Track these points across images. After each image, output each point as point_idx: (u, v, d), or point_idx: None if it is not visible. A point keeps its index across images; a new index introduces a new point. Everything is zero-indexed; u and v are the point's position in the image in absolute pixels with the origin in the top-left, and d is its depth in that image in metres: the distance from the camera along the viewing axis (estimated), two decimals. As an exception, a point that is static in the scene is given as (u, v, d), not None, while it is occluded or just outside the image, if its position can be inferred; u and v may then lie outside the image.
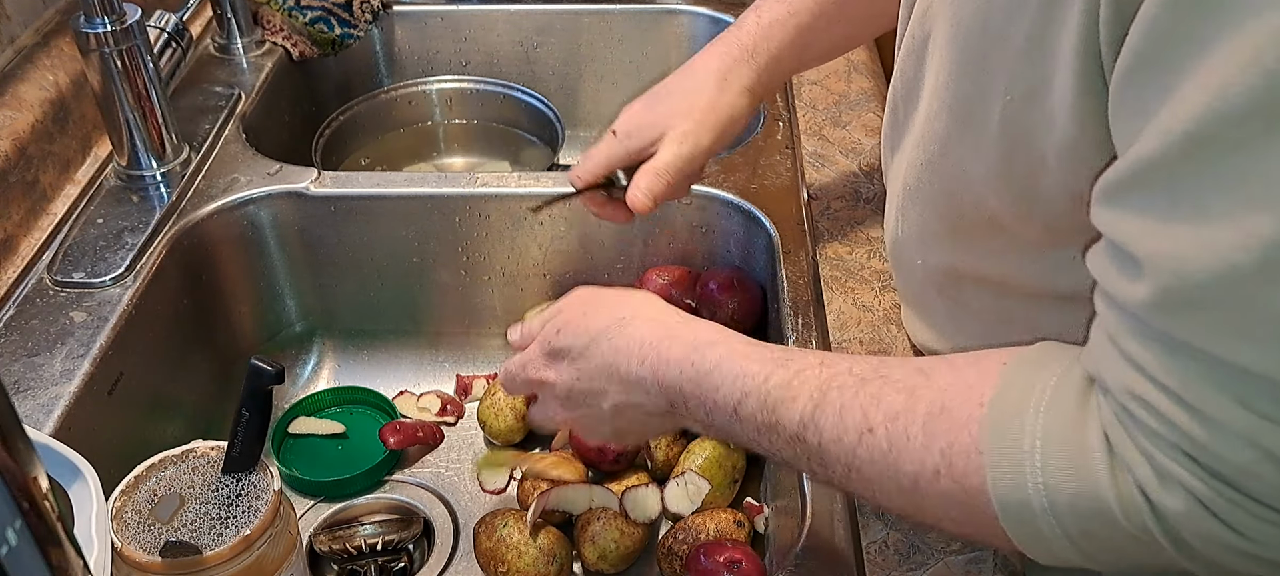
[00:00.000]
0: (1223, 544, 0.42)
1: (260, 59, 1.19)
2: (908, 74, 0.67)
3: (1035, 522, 0.46)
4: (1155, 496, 0.42)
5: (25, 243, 0.91)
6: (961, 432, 0.48)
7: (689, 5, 1.32)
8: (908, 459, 0.50)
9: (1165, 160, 0.39)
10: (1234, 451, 0.40)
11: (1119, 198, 0.43)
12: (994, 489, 0.47)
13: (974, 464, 0.48)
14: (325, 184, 1.00)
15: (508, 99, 1.29)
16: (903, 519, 0.67)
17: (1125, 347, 0.43)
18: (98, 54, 0.89)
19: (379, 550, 0.90)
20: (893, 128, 0.73)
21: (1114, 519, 0.44)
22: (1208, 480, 0.41)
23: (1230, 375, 0.39)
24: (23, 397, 0.77)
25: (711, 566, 0.77)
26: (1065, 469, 0.45)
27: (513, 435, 0.98)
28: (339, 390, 1.04)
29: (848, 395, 0.53)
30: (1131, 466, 0.43)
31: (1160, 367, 0.41)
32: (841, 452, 0.53)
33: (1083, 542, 0.46)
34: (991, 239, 0.60)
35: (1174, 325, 0.41)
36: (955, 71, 0.57)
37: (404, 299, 1.07)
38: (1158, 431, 0.42)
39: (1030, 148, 0.52)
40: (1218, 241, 0.38)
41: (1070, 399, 0.46)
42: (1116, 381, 0.44)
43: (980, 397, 0.48)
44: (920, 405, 0.50)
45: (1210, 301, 0.39)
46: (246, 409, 0.69)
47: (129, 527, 0.67)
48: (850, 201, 0.95)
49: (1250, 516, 0.41)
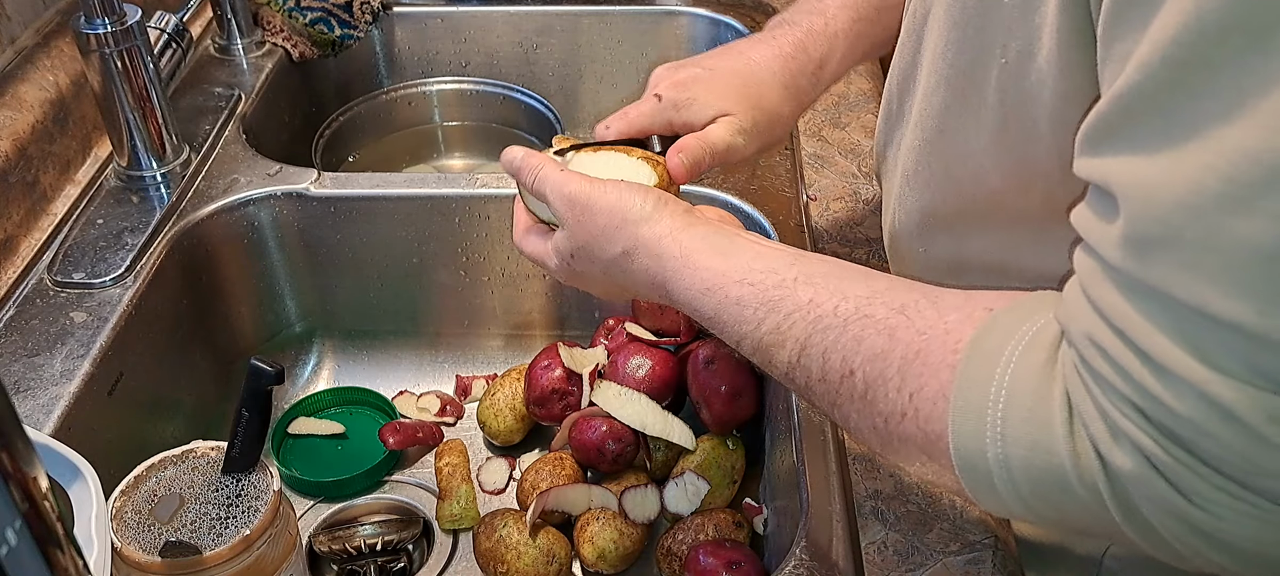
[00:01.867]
0: (1171, 510, 0.41)
1: (260, 60, 1.19)
2: (906, 59, 0.67)
3: (990, 476, 0.45)
4: (1107, 454, 0.42)
5: (25, 243, 0.91)
6: (933, 378, 0.48)
7: (689, 6, 1.32)
8: (882, 401, 0.51)
9: (1144, 90, 0.39)
10: (1186, 405, 0.39)
11: (1101, 140, 0.42)
12: (954, 435, 0.46)
13: (939, 410, 0.47)
14: (325, 185, 1.00)
15: (507, 100, 1.29)
16: (883, 458, 0.69)
17: (1091, 293, 0.43)
18: (98, 54, 0.89)
19: (378, 550, 0.90)
20: (888, 121, 0.73)
21: (1067, 480, 0.43)
22: (1158, 437, 0.40)
23: (1189, 321, 0.38)
24: (23, 398, 0.77)
25: (711, 566, 0.77)
26: (1025, 421, 0.44)
27: (512, 435, 0.98)
28: (339, 390, 1.04)
29: (831, 337, 0.54)
30: (1086, 421, 0.42)
31: (1120, 313, 0.41)
32: (826, 391, 0.55)
33: (1034, 503, 0.45)
34: (992, 218, 0.60)
35: (1140, 264, 0.40)
36: (952, 41, 0.57)
37: (404, 299, 1.07)
38: (1112, 382, 0.41)
39: (1023, 113, 0.53)
40: (1186, 164, 0.37)
41: (1044, 349, 0.45)
42: (1079, 326, 0.43)
43: (957, 343, 0.48)
44: (898, 348, 0.51)
45: (1176, 234, 0.38)
46: (246, 409, 0.69)
47: (129, 528, 0.67)
48: (849, 202, 0.95)
49: (1200, 480, 0.39)
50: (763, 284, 0.59)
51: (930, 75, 0.61)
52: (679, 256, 0.63)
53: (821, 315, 0.55)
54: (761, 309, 0.58)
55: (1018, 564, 0.66)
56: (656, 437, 0.89)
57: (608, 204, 0.66)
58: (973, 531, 0.67)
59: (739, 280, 0.60)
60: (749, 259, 0.61)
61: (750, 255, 0.61)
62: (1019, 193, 0.57)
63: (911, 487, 0.70)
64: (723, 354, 0.87)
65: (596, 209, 0.66)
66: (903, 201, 0.69)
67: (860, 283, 0.55)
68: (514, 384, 0.98)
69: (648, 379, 0.89)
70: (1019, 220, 0.59)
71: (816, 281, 0.57)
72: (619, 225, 0.65)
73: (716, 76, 0.77)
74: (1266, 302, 0.37)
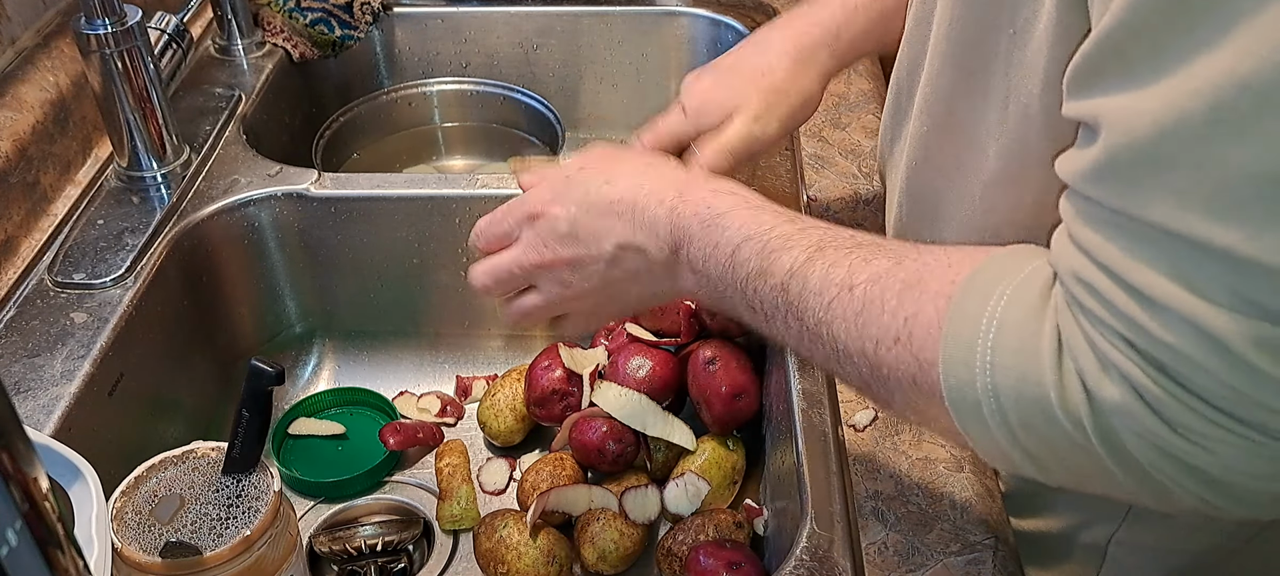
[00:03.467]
0: (1157, 443, 0.41)
1: (261, 60, 1.19)
2: (914, 48, 0.67)
3: (978, 405, 0.46)
4: (1094, 386, 0.42)
5: (26, 243, 0.91)
6: (928, 305, 0.48)
7: (689, 7, 1.32)
8: (875, 322, 0.51)
9: (1133, 24, 0.39)
10: (1173, 334, 0.39)
11: (1090, 78, 0.42)
12: (944, 364, 0.47)
13: (932, 337, 0.48)
14: (325, 185, 1.00)
15: (508, 100, 1.29)
16: (861, 394, 0.66)
17: (1076, 233, 0.43)
18: (98, 55, 0.89)
19: (379, 551, 0.90)
20: (895, 114, 0.73)
21: (1052, 411, 0.43)
22: (1145, 367, 0.40)
23: (1174, 250, 0.39)
24: (23, 398, 0.77)
25: (711, 567, 0.77)
26: (1014, 351, 0.44)
27: (513, 436, 0.98)
28: (339, 391, 1.04)
29: (840, 254, 0.54)
30: (1075, 355, 0.43)
31: (1105, 249, 0.41)
32: (818, 306, 0.54)
33: (1020, 433, 0.45)
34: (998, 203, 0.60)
35: (1129, 195, 0.40)
36: (957, 17, 0.58)
37: (404, 300, 1.07)
38: (1100, 315, 0.41)
39: (1022, 89, 0.53)
40: (1176, 92, 0.37)
41: (1035, 289, 0.46)
42: (1067, 267, 0.43)
43: (955, 276, 0.48)
44: (900, 272, 0.51)
45: (1166, 162, 0.38)
46: (246, 410, 0.69)
47: (129, 528, 0.67)
48: (850, 203, 0.95)
49: (1187, 410, 0.40)
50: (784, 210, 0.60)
51: (936, 57, 0.61)
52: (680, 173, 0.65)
53: (836, 235, 0.56)
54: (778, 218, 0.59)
55: (1018, 564, 0.66)
56: (657, 438, 0.89)
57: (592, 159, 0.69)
58: (973, 532, 0.67)
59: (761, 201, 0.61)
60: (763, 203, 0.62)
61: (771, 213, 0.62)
62: (1015, 183, 0.57)
63: (912, 488, 0.70)
64: (723, 354, 0.87)
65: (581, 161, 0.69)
66: (908, 192, 0.69)
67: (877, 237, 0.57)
68: (514, 384, 0.98)
69: (648, 379, 0.89)
70: (1012, 211, 0.59)
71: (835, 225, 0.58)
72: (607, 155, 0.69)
73: (727, 75, 0.78)
74: (1257, 227, 0.37)
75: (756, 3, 1.32)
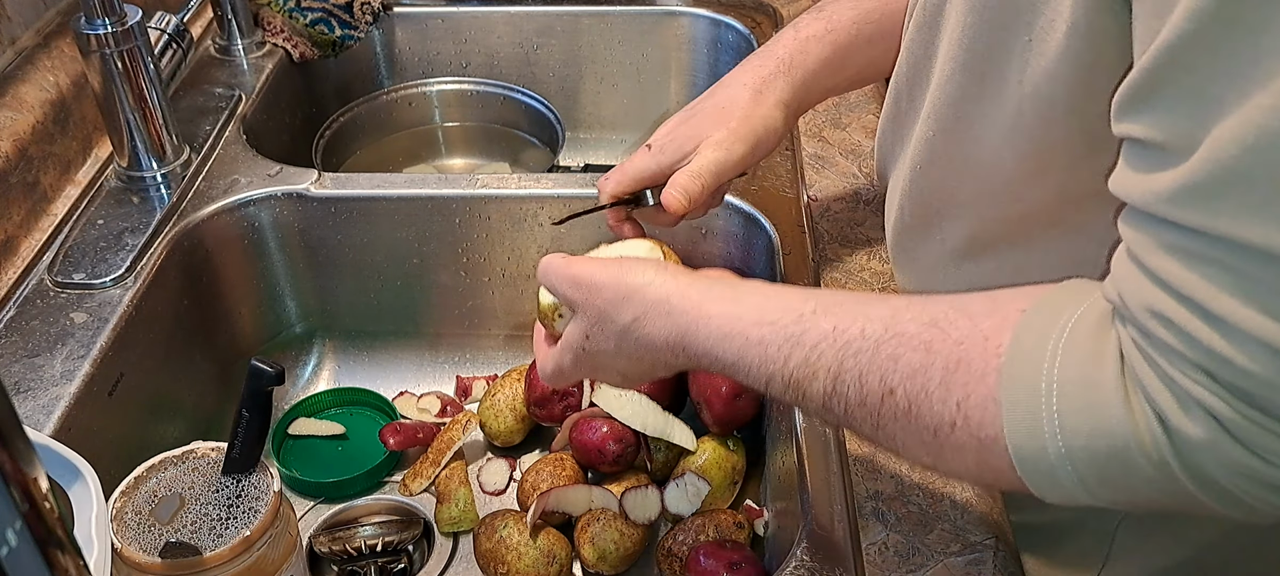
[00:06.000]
0: (1247, 473, 0.41)
1: (261, 60, 1.19)
2: (916, 54, 0.67)
3: (1053, 471, 0.45)
4: (1175, 424, 0.41)
5: (26, 243, 0.91)
6: (979, 385, 0.48)
7: (689, 7, 1.32)
8: (927, 414, 0.50)
9: (1195, 37, 0.39)
10: (1255, 362, 0.39)
11: (1147, 96, 0.42)
12: (1010, 437, 0.46)
13: (990, 414, 0.47)
14: (326, 185, 1.00)
15: (508, 100, 1.29)
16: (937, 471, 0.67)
17: (1147, 263, 0.43)
18: (98, 55, 0.89)
19: (379, 551, 0.90)
20: (894, 118, 0.73)
21: (1131, 458, 0.43)
22: (1229, 398, 0.40)
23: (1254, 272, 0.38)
24: (23, 398, 0.77)
25: (711, 567, 0.77)
26: (1080, 410, 0.44)
27: (513, 436, 0.98)
28: (339, 391, 1.04)
29: (865, 360, 0.53)
30: (1151, 395, 0.42)
31: (1182, 278, 0.41)
32: (866, 415, 0.54)
33: (1100, 489, 0.45)
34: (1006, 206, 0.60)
35: (1204, 213, 0.39)
36: (970, 25, 0.58)
37: (404, 300, 1.07)
38: (1178, 349, 0.41)
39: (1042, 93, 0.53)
40: (1249, 105, 0.37)
41: (1087, 336, 0.45)
42: (1137, 300, 0.43)
43: (998, 347, 0.48)
44: (938, 361, 0.50)
45: (1244, 176, 0.38)
46: (246, 410, 0.69)
47: (129, 528, 0.67)
48: (850, 203, 0.95)
49: (1274, 437, 0.39)
50: (781, 321, 0.58)
51: (947, 63, 0.62)
52: (691, 310, 0.62)
53: (850, 340, 0.54)
54: (786, 345, 0.57)
55: (1018, 564, 0.66)
56: (657, 438, 0.89)
57: (609, 277, 0.66)
58: (973, 532, 0.67)
59: (757, 321, 0.59)
60: (760, 300, 0.60)
61: (761, 297, 0.61)
62: (1035, 178, 0.57)
63: (912, 488, 0.70)
64: (723, 354, 0.87)
65: (599, 283, 0.66)
66: (912, 194, 0.69)
67: (879, 304, 0.55)
68: (514, 385, 0.98)
69: (648, 379, 0.89)
70: (1033, 209, 0.59)
71: (835, 310, 0.56)
72: (626, 294, 0.65)
73: (693, 112, 0.80)
74: None
75: (757, 3, 1.32)
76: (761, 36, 1.25)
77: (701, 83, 1.35)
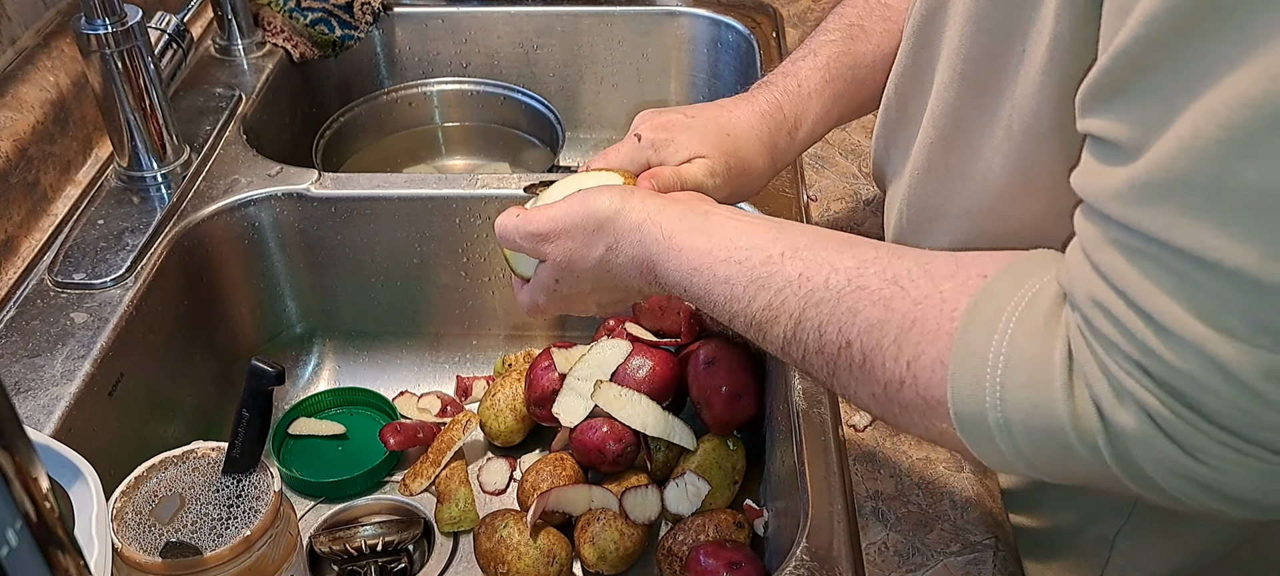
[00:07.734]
0: (1174, 467, 0.41)
1: (261, 60, 1.19)
2: (907, 65, 0.67)
3: (991, 437, 0.46)
4: (1109, 413, 0.42)
5: (26, 243, 0.91)
6: (930, 346, 0.49)
7: (689, 7, 1.32)
8: (879, 370, 0.52)
9: (1151, 40, 0.39)
10: (1187, 363, 0.39)
11: (1106, 94, 0.43)
12: (953, 401, 0.47)
13: (938, 376, 0.48)
14: (326, 185, 1.00)
15: (508, 101, 1.29)
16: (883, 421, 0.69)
17: (1093, 255, 0.43)
18: (98, 55, 0.89)
19: (379, 551, 0.90)
20: (888, 127, 0.74)
21: (1066, 439, 0.44)
22: (1161, 395, 0.40)
23: (1190, 275, 0.39)
24: (23, 398, 0.77)
25: (711, 567, 0.77)
26: (1024, 384, 0.45)
27: (513, 436, 0.98)
28: (339, 391, 1.04)
29: (826, 311, 0.55)
30: (1089, 381, 0.43)
31: (1122, 274, 0.41)
32: (823, 363, 0.55)
33: (1037, 462, 0.46)
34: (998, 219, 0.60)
35: (1143, 211, 0.40)
36: (968, 34, 0.58)
37: (404, 300, 1.07)
38: (1116, 342, 0.42)
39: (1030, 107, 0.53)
40: (1194, 110, 0.38)
41: (1040, 314, 0.46)
42: (1083, 290, 0.44)
43: (954, 310, 0.49)
44: (894, 318, 0.51)
45: (1182, 180, 0.38)
46: (247, 410, 0.69)
47: (129, 528, 0.67)
48: (850, 203, 0.95)
49: (1202, 436, 0.40)
50: (749, 261, 0.60)
51: (945, 71, 0.62)
52: (662, 238, 0.64)
53: (813, 289, 0.56)
54: (752, 286, 0.59)
55: (1018, 563, 0.66)
56: (657, 438, 0.89)
57: (574, 218, 0.66)
58: (973, 532, 0.67)
59: (725, 259, 0.61)
60: (730, 235, 0.62)
61: (731, 231, 0.62)
62: (1022, 196, 0.57)
63: (912, 488, 0.70)
64: (723, 354, 0.87)
65: (562, 228, 0.67)
66: (910, 199, 0.69)
67: (847, 253, 0.56)
68: (514, 384, 0.98)
69: (648, 379, 0.89)
70: (1021, 227, 0.59)
71: (803, 254, 0.58)
72: (594, 229, 0.66)
73: (696, 122, 0.79)
74: (1270, 247, 0.37)
75: (757, 3, 1.32)
76: (761, 36, 1.26)
77: (701, 82, 1.35)
